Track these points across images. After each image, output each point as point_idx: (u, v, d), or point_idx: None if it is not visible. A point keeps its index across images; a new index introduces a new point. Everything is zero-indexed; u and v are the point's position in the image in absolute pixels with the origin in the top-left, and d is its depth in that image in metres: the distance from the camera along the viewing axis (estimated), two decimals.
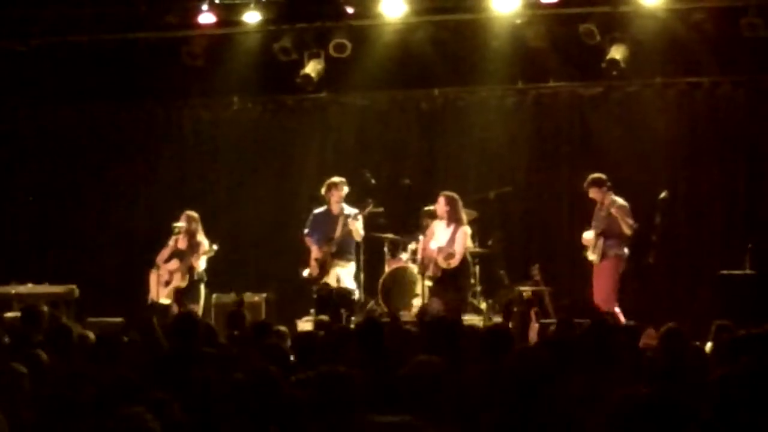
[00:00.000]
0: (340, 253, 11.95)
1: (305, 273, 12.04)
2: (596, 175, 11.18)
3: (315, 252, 11.99)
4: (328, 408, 4.37)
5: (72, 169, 14.02)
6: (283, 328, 7.92)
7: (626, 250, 11.12)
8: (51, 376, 5.61)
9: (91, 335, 7.29)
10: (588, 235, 11.16)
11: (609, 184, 11.12)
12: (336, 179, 12.00)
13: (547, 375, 4.79)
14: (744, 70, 12.20)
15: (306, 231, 12.10)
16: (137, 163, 13.97)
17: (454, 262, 11.31)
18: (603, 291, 11.02)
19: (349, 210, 11.94)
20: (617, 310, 10.74)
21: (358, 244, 12.04)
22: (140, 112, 13.93)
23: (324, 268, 11.91)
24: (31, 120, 14.14)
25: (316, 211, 12.09)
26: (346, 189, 11.97)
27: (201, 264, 11.89)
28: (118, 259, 13.52)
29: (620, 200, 11.10)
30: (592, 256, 11.16)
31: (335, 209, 11.98)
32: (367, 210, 11.94)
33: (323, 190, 11.98)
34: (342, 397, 4.39)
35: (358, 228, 11.88)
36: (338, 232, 11.86)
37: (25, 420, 4.72)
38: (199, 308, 11.69)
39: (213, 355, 6.35)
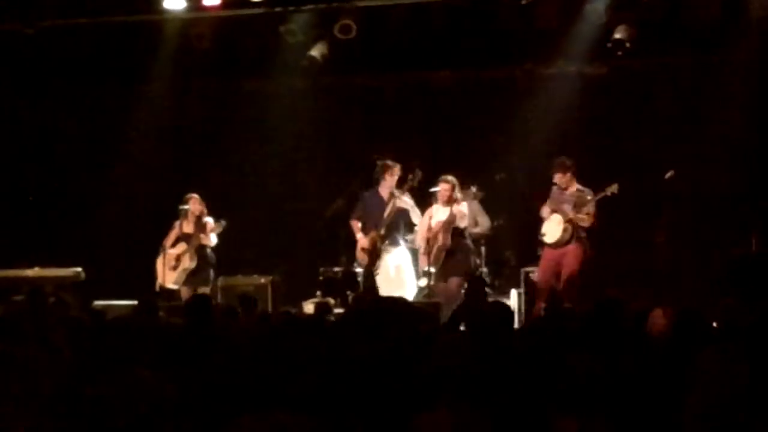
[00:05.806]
0: (389, 236, 11.44)
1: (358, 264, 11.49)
2: (561, 158, 11.05)
3: (361, 241, 11.48)
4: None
5: (78, 151, 14.03)
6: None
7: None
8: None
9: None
10: (553, 217, 10.94)
11: (574, 169, 10.97)
12: (390, 162, 11.48)
13: (548, 353, 4.79)
14: (752, 49, 12.16)
15: (353, 215, 11.63)
16: (143, 145, 13.97)
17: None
18: (568, 274, 10.73)
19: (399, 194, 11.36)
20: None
21: (412, 225, 11.46)
22: (146, 95, 13.92)
23: (373, 255, 11.39)
24: (37, 102, 14.12)
25: (366, 193, 11.67)
26: (398, 174, 11.38)
27: (212, 240, 11.90)
28: (125, 242, 13.54)
29: (585, 189, 10.94)
30: (550, 239, 10.90)
31: (385, 193, 11.48)
32: (417, 179, 11.32)
33: (376, 172, 11.49)
34: None
35: (413, 206, 11.29)
36: (387, 212, 11.36)
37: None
38: (207, 290, 11.71)
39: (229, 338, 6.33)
